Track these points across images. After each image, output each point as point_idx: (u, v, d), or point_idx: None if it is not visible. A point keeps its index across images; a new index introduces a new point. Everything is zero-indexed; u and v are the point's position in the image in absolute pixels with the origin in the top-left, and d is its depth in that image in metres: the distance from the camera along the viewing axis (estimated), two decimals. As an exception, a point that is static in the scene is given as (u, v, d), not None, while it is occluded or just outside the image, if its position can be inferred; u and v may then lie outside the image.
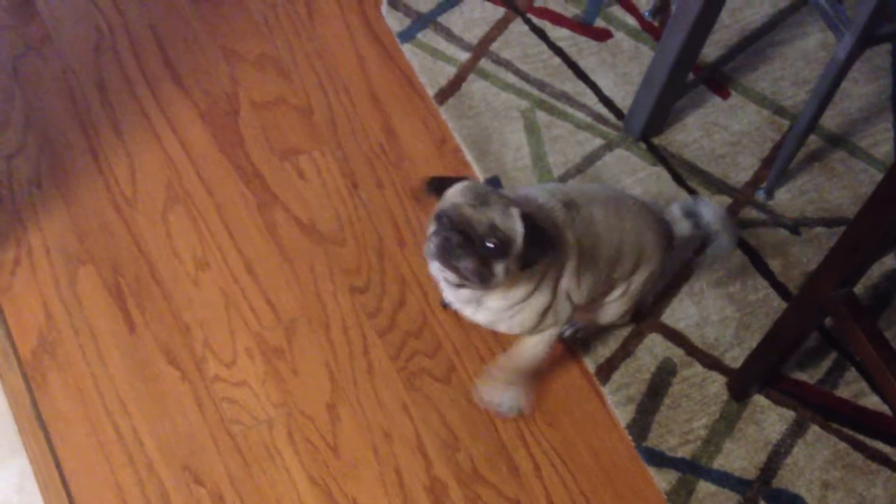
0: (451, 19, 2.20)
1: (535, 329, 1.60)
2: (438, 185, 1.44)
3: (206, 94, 2.08)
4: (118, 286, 1.86)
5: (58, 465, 1.70)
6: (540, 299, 1.54)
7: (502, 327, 1.59)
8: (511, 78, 2.13)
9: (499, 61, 2.15)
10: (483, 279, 1.39)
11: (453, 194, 1.41)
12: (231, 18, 2.17)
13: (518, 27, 2.20)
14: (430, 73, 2.13)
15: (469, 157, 2.03)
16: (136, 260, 1.89)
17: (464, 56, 2.15)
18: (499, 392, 1.74)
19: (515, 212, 1.39)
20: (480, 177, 2.00)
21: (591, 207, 1.58)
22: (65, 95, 2.05)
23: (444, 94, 2.10)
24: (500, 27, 2.20)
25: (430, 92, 2.11)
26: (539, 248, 1.41)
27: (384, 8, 2.21)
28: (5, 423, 1.73)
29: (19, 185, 1.95)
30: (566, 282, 1.55)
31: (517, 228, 1.39)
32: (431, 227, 1.41)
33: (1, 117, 2.01)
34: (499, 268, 1.39)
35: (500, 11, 2.21)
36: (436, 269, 1.44)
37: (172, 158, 2.00)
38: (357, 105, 2.09)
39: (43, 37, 2.12)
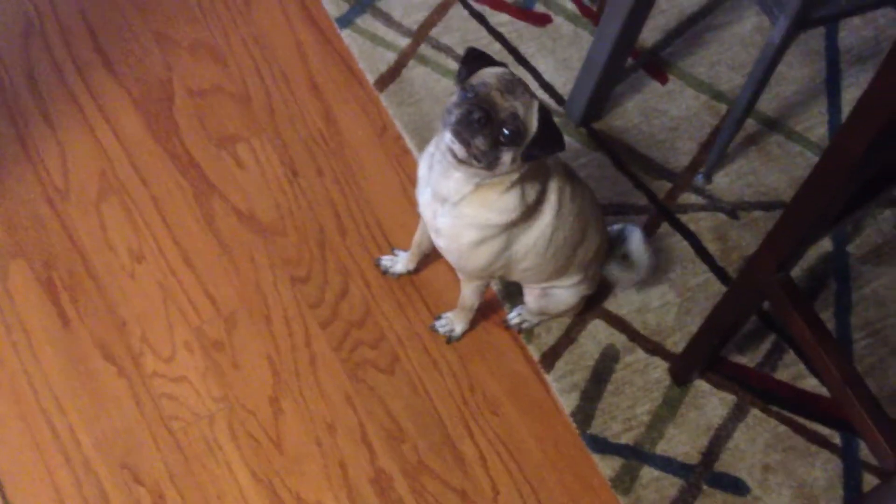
0: (391, 4, 2.17)
1: (478, 271, 1.63)
2: (475, 60, 1.48)
3: (140, 82, 2.03)
4: (51, 280, 1.81)
5: (-9, 467, 1.66)
6: (500, 240, 1.57)
7: (455, 249, 1.59)
8: (451, 64, 2.11)
9: (439, 47, 2.13)
10: (490, 162, 1.44)
11: (487, 74, 1.46)
12: (164, 3, 2.12)
13: (458, 12, 2.18)
14: (370, 60, 2.10)
15: (410, 144, 2.01)
16: (70, 253, 1.84)
17: (404, 42, 2.13)
18: (442, 321, 1.85)
19: (536, 106, 1.46)
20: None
21: (584, 188, 1.68)
22: (-9, 84, 1.99)
23: (385, 80, 2.08)
24: (439, 12, 2.17)
25: (370, 78, 2.08)
26: (546, 143, 1.48)
27: (321, -8, 2.17)
28: (-65, 424, 1.68)
29: (-55, 178, 1.89)
30: (536, 234, 1.58)
31: (534, 123, 1.46)
32: (455, 98, 1.44)
33: (-76, 107, 1.95)
34: (507, 156, 1.44)
35: (440, -4, 2.19)
36: (447, 139, 1.45)
37: (105, 148, 1.95)
38: (295, 92, 2.05)
39: (-33, 23, 2.05)
